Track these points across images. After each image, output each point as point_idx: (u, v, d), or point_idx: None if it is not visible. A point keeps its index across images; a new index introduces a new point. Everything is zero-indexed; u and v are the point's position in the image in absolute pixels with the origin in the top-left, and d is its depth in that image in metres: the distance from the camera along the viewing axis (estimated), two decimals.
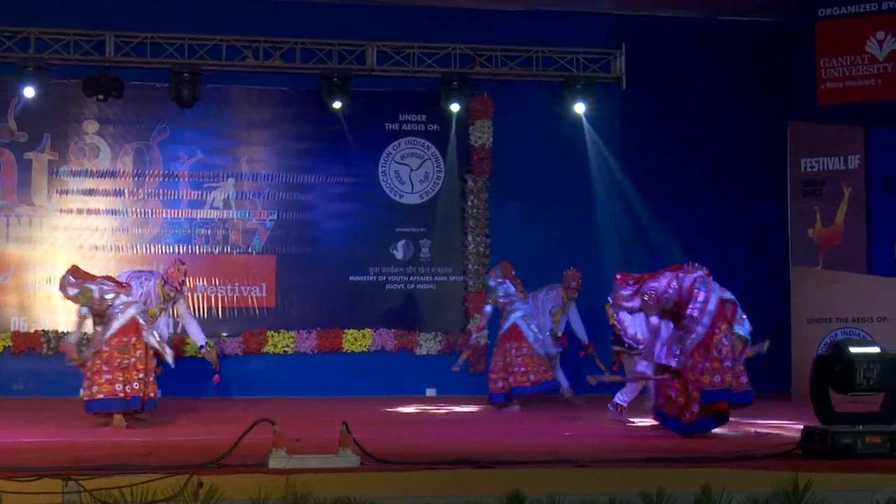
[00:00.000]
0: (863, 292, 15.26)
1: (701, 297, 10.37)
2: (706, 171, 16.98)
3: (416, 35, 16.96)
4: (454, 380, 15.17)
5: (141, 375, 11.49)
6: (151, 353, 11.64)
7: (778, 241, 16.34)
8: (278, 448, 7.28)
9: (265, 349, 16.39)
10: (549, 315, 14.66)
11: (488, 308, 14.55)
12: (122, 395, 11.36)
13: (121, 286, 11.87)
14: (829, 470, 7.36)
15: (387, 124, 17.07)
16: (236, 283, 16.42)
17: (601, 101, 17.14)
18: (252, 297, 16.48)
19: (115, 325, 11.54)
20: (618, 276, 10.94)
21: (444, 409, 13.99)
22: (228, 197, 16.61)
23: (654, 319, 10.63)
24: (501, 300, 14.23)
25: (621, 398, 12.02)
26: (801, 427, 8.39)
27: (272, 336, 16.43)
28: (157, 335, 11.80)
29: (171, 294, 12.63)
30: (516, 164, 16.91)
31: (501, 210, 16.96)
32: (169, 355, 11.82)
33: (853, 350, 8.18)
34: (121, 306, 11.65)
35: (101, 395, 11.35)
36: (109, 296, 11.70)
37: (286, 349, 16.43)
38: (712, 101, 17.21)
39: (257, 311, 16.46)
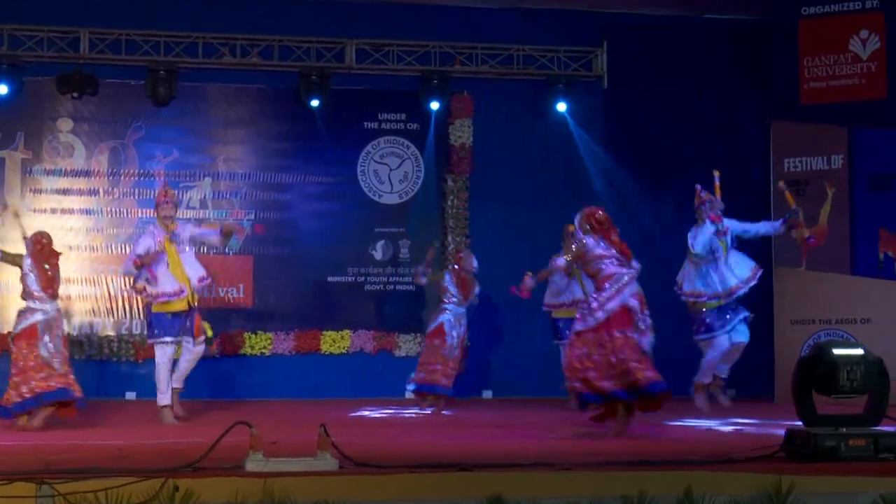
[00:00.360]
0: (846, 293, 15.29)
1: (604, 295, 10.47)
2: (689, 170, 16.95)
3: (396, 33, 16.97)
4: None
5: (62, 370, 11.71)
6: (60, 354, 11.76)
7: (763, 242, 16.33)
8: (255, 451, 7.25)
9: (242, 351, 16.39)
10: (568, 279, 14.38)
11: (424, 279, 14.74)
12: (47, 389, 11.59)
13: (47, 290, 11.88)
14: (812, 473, 7.35)
15: (366, 123, 17.07)
16: (213, 284, 16.35)
17: (583, 100, 17.19)
18: (229, 298, 16.47)
19: (20, 326, 11.84)
20: (598, 211, 10.98)
21: (424, 412, 13.97)
22: (205, 196, 16.59)
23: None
24: (443, 292, 14.32)
25: None
26: (785, 429, 8.41)
27: (249, 337, 16.42)
28: (50, 347, 11.77)
29: (167, 215, 12.42)
30: (497, 163, 16.93)
31: (482, 210, 16.97)
32: (57, 363, 11.80)
33: (836, 352, 8.18)
34: (28, 311, 11.84)
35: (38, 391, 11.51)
36: (29, 285, 11.84)
37: (263, 351, 16.42)
38: (695, 100, 17.26)
39: (234, 313, 16.46)
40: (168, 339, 12.17)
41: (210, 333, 13.15)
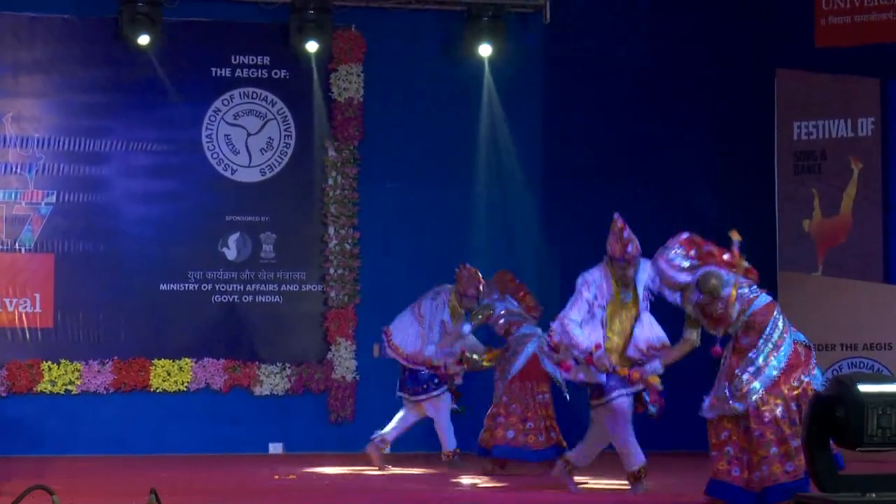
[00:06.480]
0: (878, 309, 15.43)
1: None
2: (660, 139, 17.07)
3: None
4: (308, 432, 15.13)
5: None
6: None
7: (762, 237, 16.42)
8: None
9: (39, 388, 16.24)
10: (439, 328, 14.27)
11: (466, 327, 14.29)
12: None
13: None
14: None
15: (214, 69, 17.05)
16: None
17: (515, 40, 17.21)
18: (20, 315, 16.32)
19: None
20: (684, 236, 10.73)
21: (293, 473, 13.94)
22: None
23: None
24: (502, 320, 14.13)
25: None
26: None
27: (49, 369, 16.28)
28: None
29: None
30: (396, 126, 16.97)
31: (376, 191, 16.97)
32: None
33: (863, 389, 8.20)
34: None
35: None
36: None
37: (69, 387, 16.30)
38: (670, 42, 17.34)
39: (27, 334, 16.31)
40: None
41: None
